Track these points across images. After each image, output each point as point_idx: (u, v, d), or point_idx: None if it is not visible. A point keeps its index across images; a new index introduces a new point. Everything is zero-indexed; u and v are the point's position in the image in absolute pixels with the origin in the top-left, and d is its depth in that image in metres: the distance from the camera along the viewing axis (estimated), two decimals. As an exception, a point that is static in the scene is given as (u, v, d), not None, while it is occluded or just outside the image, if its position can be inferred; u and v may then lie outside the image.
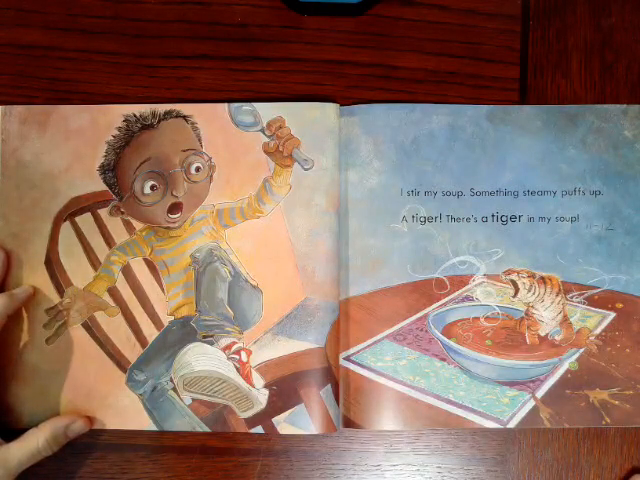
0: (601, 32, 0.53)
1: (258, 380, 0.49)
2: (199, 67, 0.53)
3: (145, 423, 0.49)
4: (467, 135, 0.51)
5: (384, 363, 0.50)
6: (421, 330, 0.50)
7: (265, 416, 0.49)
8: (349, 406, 0.50)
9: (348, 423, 0.49)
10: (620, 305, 0.50)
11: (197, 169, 0.50)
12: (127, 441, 0.51)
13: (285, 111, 0.50)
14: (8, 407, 0.49)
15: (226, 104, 0.51)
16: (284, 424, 0.49)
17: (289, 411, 0.49)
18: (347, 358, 0.50)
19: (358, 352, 0.50)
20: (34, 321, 0.50)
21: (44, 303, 0.50)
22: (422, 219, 0.51)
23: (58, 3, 0.53)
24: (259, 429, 0.49)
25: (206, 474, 0.51)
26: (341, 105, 0.51)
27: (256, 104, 0.50)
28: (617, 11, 0.53)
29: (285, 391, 0.49)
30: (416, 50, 0.53)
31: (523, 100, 0.52)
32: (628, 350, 0.50)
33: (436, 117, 0.51)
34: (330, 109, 0.50)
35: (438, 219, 0.51)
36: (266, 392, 0.49)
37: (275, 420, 0.49)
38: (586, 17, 0.53)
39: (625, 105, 0.51)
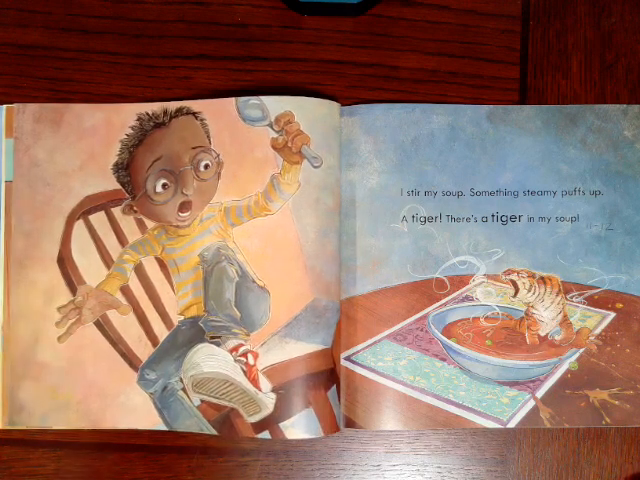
0: (601, 32, 0.53)
1: (265, 384, 0.48)
2: (199, 67, 0.53)
3: (156, 422, 0.49)
4: (467, 135, 0.51)
5: (384, 363, 0.50)
6: (421, 330, 0.50)
7: (272, 421, 0.48)
8: (349, 406, 0.50)
9: (349, 423, 0.49)
10: (620, 305, 0.50)
11: (206, 166, 0.50)
12: (127, 441, 0.51)
13: (293, 105, 0.49)
14: (20, 405, 0.49)
15: (233, 99, 0.50)
16: (291, 429, 0.48)
17: (297, 415, 0.48)
18: (347, 358, 0.50)
19: (358, 352, 0.50)
20: (46, 319, 0.50)
21: (56, 301, 0.50)
22: (422, 219, 0.51)
23: (58, 3, 0.53)
24: (266, 434, 0.48)
25: (206, 474, 0.51)
26: (341, 105, 0.51)
27: (263, 97, 0.49)
28: (617, 11, 0.53)
29: (293, 395, 0.48)
30: (416, 50, 0.53)
31: (523, 100, 0.52)
32: (628, 350, 0.50)
33: (436, 117, 0.51)
34: (334, 107, 0.50)
35: (438, 219, 0.51)
36: (273, 396, 0.48)
37: (282, 425, 0.48)
38: (586, 17, 0.53)
39: (625, 105, 0.51)
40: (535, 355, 0.50)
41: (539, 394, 0.50)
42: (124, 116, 0.50)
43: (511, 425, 0.49)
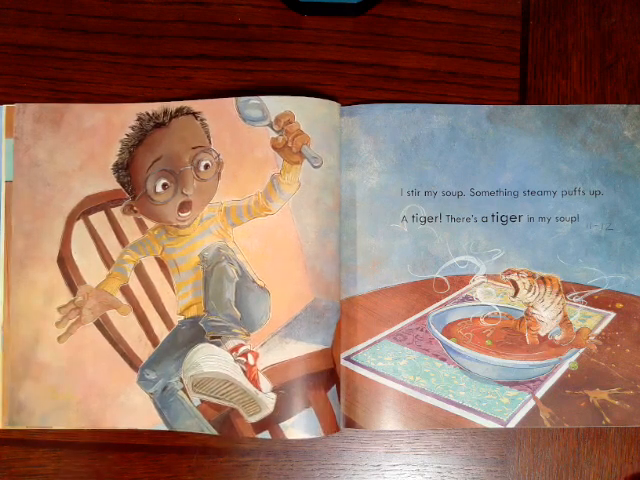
0: (601, 32, 0.53)
1: (265, 384, 0.48)
2: (199, 67, 0.53)
3: (156, 422, 0.49)
4: (467, 135, 0.51)
5: (384, 363, 0.50)
6: (421, 330, 0.50)
7: (272, 421, 0.48)
8: (349, 406, 0.50)
9: (349, 423, 0.49)
10: (620, 305, 0.50)
11: (206, 166, 0.50)
12: (127, 441, 0.51)
13: (293, 105, 0.49)
14: (20, 405, 0.49)
15: (234, 98, 0.50)
16: (291, 429, 0.48)
17: (297, 415, 0.48)
18: (347, 358, 0.50)
19: (358, 352, 0.50)
20: (46, 319, 0.50)
21: (56, 301, 0.50)
22: (422, 219, 0.51)
23: (58, 3, 0.53)
24: (266, 434, 0.48)
25: (206, 474, 0.51)
26: (341, 105, 0.51)
27: (263, 97, 0.49)
28: (617, 11, 0.53)
29: (293, 395, 0.48)
30: (416, 50, 0.53)
31: (523, 100, 0.52)
32: (628, 350, 0.50)
33: (436, 117, 0.51)
34: (334, 107, 0.50)
35: (438, 219, 0.51)
36: (273, 396, 0.48)
37: (282, 425, 0.48)
38: (586, 17, 0.53)
39: (625, 105, 0.52)
40: (535, 355, 0.50)
41: (539, 394, 0.50)
42: (124, 116, 0.50)
43: (511, 425, 0.49)
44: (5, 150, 0.51)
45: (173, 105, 0.50)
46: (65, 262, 0.50)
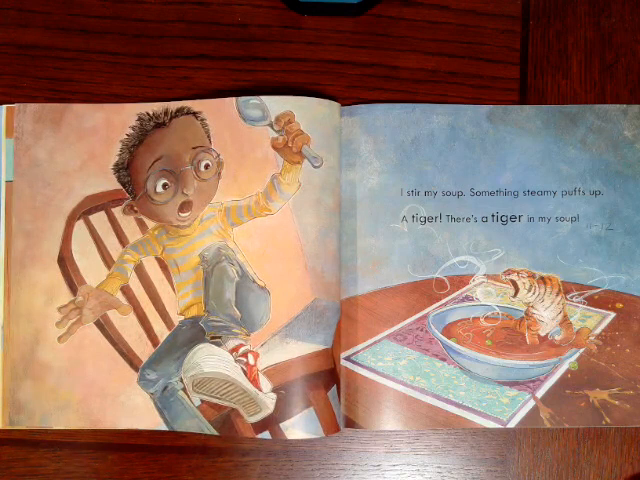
0: (601, 32, 0.53)
1: (266, 384, 0.48)
2: (199, 67, 0.53)
3: (156, 422, 0.49)
4: (467, 135, 0.51)
5: (384, 363, 0.50)
6: (421, 330, 0.50)
7: (272, 421, 0.48)
8: (349, 406, 0.50)
9: (349, 423, 0.49)
10: (620, 305, 0.50)
11: (206, 166, 0.50)
12: (127, 441, 0.51)
13: (293, 105, 0.49)
14: (20, 405, 0.49)
15: (234, 98, 0.50)
16: (292, 429, 0.48)
17: (297, 415, 0.48)
18: (347, 358, 0.50)
19: (358, 352, 0.50)
20: (46, 319, 0.50)
21: (57, 301, 0.50)
22: (422, 219, 0.51)
23: (58, 3, 0.53)
24: (266, 434, 0.48)
25: (206, 474, 0.51)
26: (341, 105, 0.51)
27: (264, 97, 0.49)
28: (617, 11, 0.53)
29: (294, 395, 0.48)
30: (416, 50, 0.53)
31: (523, 100, 0.52)
32: (628, 350, 0.50)
33: (436, 117, 0.51)
34: (334, 107, 0.50)
35: (438, 219, 0.51)
36: (274, 397, 0.48)
37: (283, 425, 0.48)
38: (586, 17, 0.53)
39: (625, 105, 0.52)
40: (535, 355, 0.50)
41: (539, 394, 0.50)
42: (124, 116, 0.50)
43: (511, 425, 0.49)
44: (5, 150, 0.51)
45: (173, 105, 0.50)
46: (65, 262, 0.50)
